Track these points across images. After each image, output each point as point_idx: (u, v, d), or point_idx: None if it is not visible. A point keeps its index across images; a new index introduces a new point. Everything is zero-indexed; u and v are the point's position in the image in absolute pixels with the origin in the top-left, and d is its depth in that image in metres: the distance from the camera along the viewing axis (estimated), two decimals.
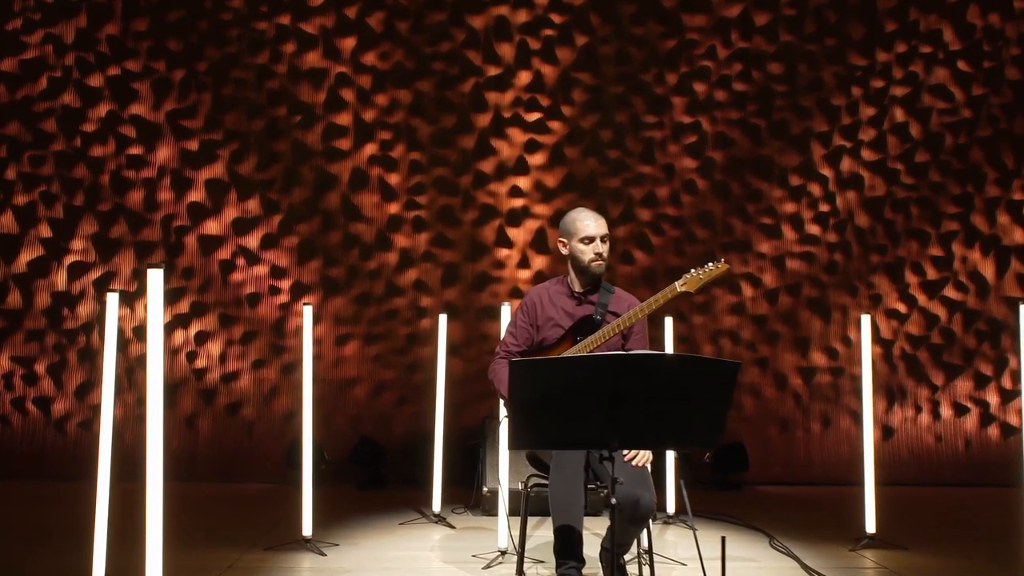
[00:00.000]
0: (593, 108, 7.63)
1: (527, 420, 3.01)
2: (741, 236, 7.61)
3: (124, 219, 7.41)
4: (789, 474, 7.40)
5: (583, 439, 3.09)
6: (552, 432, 3.05)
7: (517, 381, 2.91)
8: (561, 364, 2.92)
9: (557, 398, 2.95)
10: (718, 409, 2.98)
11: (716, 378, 2.91)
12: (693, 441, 3.11)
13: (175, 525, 3.51)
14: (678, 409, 2.98)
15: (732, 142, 7.66)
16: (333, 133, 7.52)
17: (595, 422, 3.01)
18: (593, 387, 2.92)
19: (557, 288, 4.09)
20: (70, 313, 7.36)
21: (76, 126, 7.42)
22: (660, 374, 2.91)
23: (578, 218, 3.91)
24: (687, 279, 3.76)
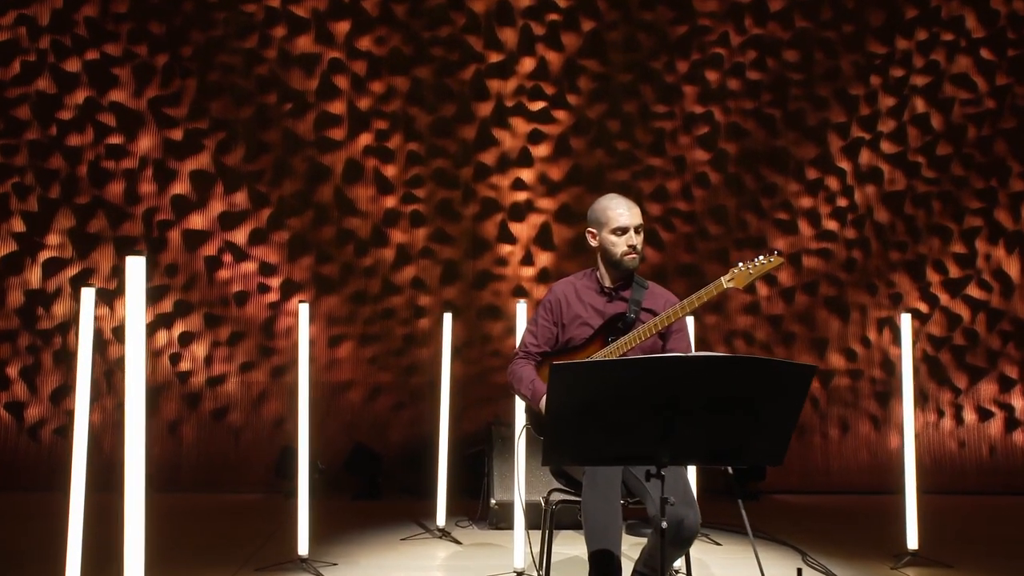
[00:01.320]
0: (600, 97, 7.25)
1: (566, 432, 2.62)
2: (756, 232, 7.25)
3: (103, 213, 6.96)
4: (806, 482, 7.03)
5: (630, 454, 2.69)
6: (594, 446, 2.67)
7: (557, 387, 2.52)
8: (608, 368, 2.54)
9: (602, 407, 2.56)
10: (787, 419, 2.60)
11: (788, 383, 2.53)
12: (757, 456, 2.72)
13: (158, 541, 3.10)
14: (741, 420, 2.60)
15: (746, 133, 7.29)
16: (326, 122, 7.11)
17: (645, 434, 2.62)
18: (645, 394, 2.54)
19: (585, 283, 3.71)
20: (45, 312, 6.90)
21: (52, 113, 6.97)
22: (724, 379, 2.52)
23: (609, 206, 3.52)
24: (735, 274, 3.38)
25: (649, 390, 2.52)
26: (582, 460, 2.75)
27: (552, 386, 2.51)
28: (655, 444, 2.63)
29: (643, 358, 2.48)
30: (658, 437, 2.61)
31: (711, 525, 5.50)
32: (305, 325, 4.48)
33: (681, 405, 2.54)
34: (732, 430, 2.62)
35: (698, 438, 2.65)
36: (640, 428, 2.61)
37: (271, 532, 5.22)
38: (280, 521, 5.44)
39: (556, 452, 2.67)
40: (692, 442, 2.66)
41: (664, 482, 2.88)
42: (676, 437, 2.61)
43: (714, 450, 2.69)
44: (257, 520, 5.79)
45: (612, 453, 2.70)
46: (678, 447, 2.64)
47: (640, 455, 2.69)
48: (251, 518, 5.93)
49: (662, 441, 2.62)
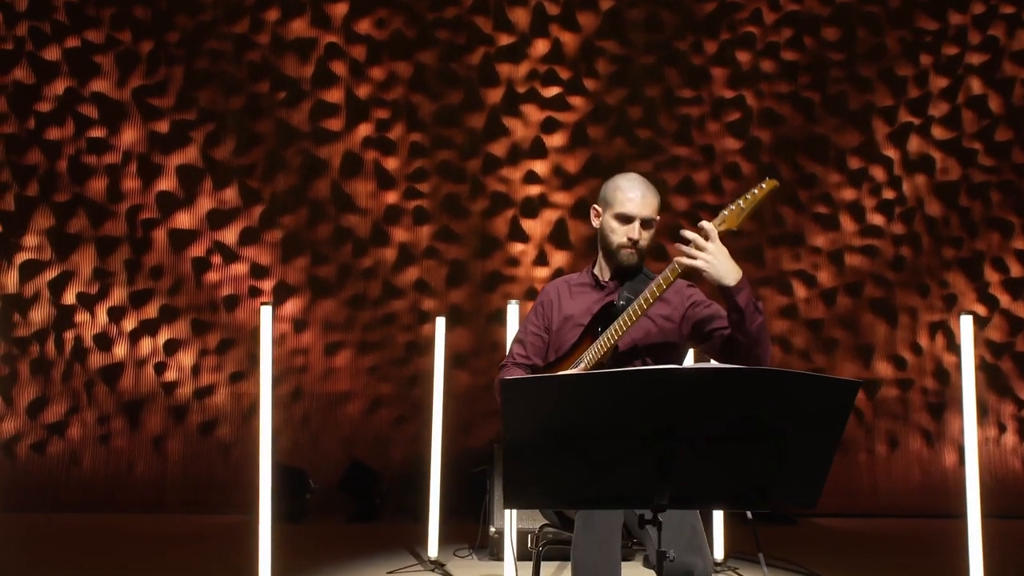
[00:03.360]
0: (620, 82, 6.63)
1: (530, 467, 2.02)
2: (792, 228, 6.58)
3: (84, 211, 6.47)
4: (850, 504, 6.34)
5: (617, 495, 2.08)
6: (569, 485, 2.07)
7: (511, 410, 1.93)
8: (578, 383, 1.92)
9: (573, 435, 1.96)
10: (823, 451, 1.97)
11: (825, 404, 1.91)
12: (783, 498, 2.10)
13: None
14: (763, 452, 1.98)
15: (781, 119, 6.63)
16: (322, 112, 6.56)
17: (635, 471, 2.02)
18: (628, 419, 1.94)
19: (580, 280, 3.11)
20: (22, 319, 6.42)
21: (29, 105, 6.49)
22: (737, 398, 1.91)
23: (620, 186, 2.91)
24: (724, 216, 2.71)
25: (633, 413, 1.92)
26: (555, 502, 2.14)
27: (505, 409, 1.91)
28: (649, 483, 2.02)
29: (619, 372, 1.87)
30: (653, 474, 2.00)
31: (740, 556, 4.85)
32: (268, 330, 3.94)
33: (681, 432, 1.94)
34: (751, 465, 2.01)
35: (707, 476, 2.04)
36: (628, 462, 2.01)
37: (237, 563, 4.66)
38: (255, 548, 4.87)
39: (520, 491, 2.06)
40: (699, 481, 2.05)
41: (664, 525, 2.27)
42: (677, 474, 2.01)
43: (728, 491, 2.07)
44: (234, 546, 5.24)
45: (593, 494, 2.09)
46: (680, 487, 2.04)
47: (631, 497, 2.08)
48: (227, 544, 5.38)
49: (659, 479, 2.01)
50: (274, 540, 4.85)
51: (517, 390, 1.87)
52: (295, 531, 5.72)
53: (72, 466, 6.33)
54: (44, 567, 4.76)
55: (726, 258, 2.63)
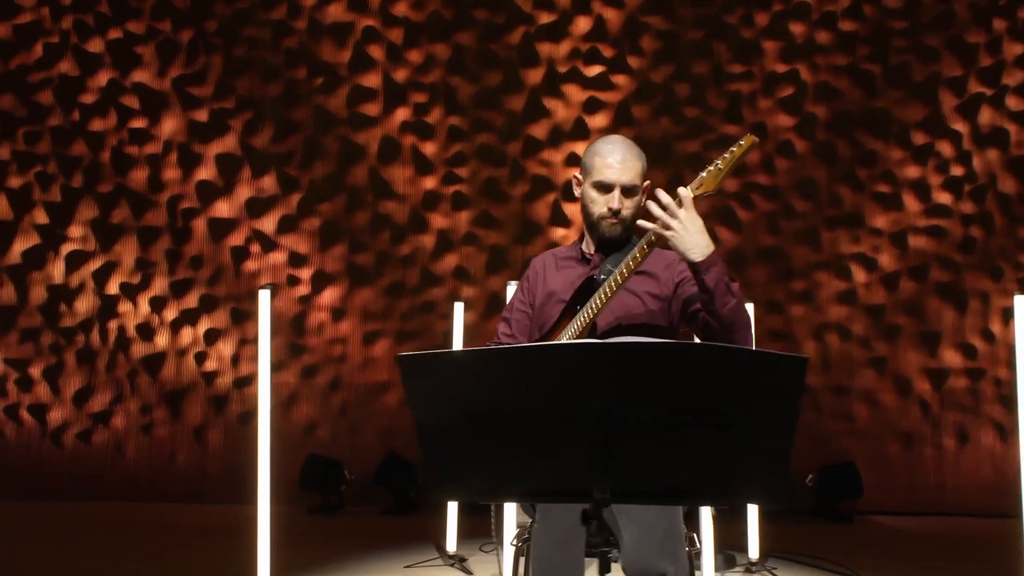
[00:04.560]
0: (666, 58, 6.34)
1: (448, 455, 1.82)
2: (851, 208, 6.19)
3: (126, 202, 6.50)
4: (915, 502, 5.94)
5: (554, 488, 1.87)
6: (497, 476, 1.86)
7: (412, 389, 1.73)
8: (485, 360, 1.71)
9: (490, 418, 1.75)
10: (779, 438, 1.72)
11: (772, 384, 1.66)
12: (746, 494, 1.86)
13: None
14: (716, 440, 1.74)
15: (839, 94, 6.25)
16: (360, 97, 6.45)
17: (570, 461, 1.81)
18: (551, 401, 1.72)
19: (567, 252, 2.89)
20: (68, 309, 6.49)
21: (74, 97, 6.55)
22: (675, 378, 1.68)
23: (599, 151, 2.69)
24: (702, 179, 2.44)
25: (556, 394, 1.70)
26: (484, 494, 1.93)
27: (407, 389, 1.71)
28: (588, 475, 1.80)
29: (530, 346, 1.65)
30: (592, 465, 1.78)
31: (778, 555, 4.56)
32: (266, 317, 3.81)
33: (617, 417, 1.71)
34: (703, 456, 1.77)
35: (653, 467, 1.81)
36: (560, 451, 1.79)
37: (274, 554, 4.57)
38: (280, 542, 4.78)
39: (444, 482, 1.87)
40: (645, 473, 1.82)
41: (633, 525, 2.05)
42: (619, 465, 1.78)
43: (680, 485, 1.83)
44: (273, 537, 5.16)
45: (526, 486, 1.88)
46: (624, 480, 1.81)
47: (569, 490, 1.86)
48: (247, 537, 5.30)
49: (598, 471, 1.79)
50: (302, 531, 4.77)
51: (414, 367, 1.67)
52: (328, 523, 5.64)
53: (116, 455, 6.36)
54: (85, 556, 4.75)
55: (697, 230, 2.37)
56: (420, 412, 1.77)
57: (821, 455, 5.94)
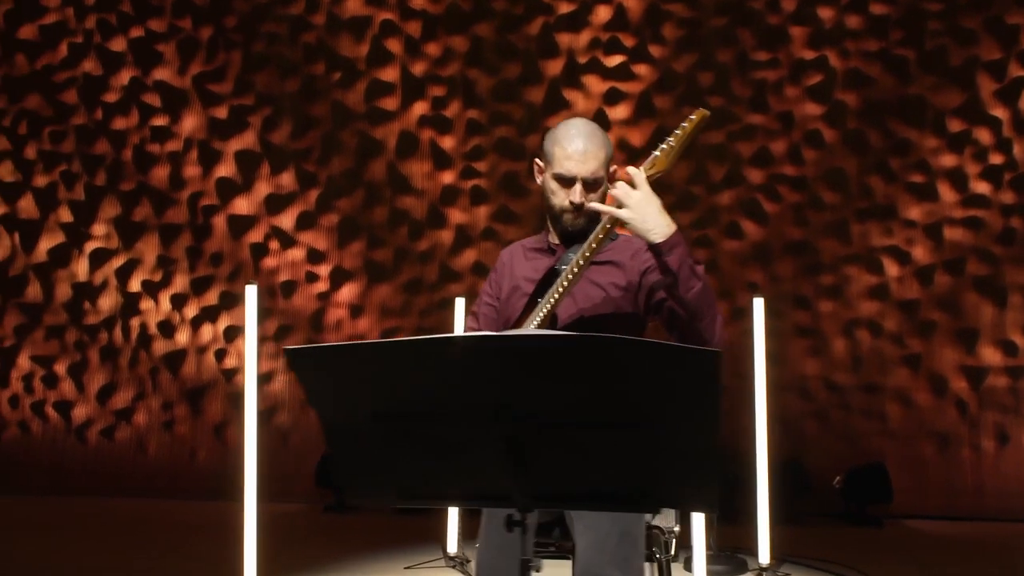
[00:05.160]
0: (689, 46, 6.16)
1: (349, 452, 1.72)
2: (883, 200, 5.94)
3: (148, 199, 6.52)
4: (951, 506, 5.68)
5: (469, 491, 1.75)
6: (410, 477, 1.75)
7: (306, 384, 1.63)
8: (372, 352, 1.60)
9: (388, 414, 1.65)
10: (701, 439, 1.59)
11: (687, 380, 1.52)
12: (673, 499, 1.71)
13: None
14: (632, 440, 1.61)
15: (870, 81, 6.00)
16: (377, 91, 6.38)
17: (481, 463, 1.69)
18: (463, 398, 1.61)
19: (535, 243, 2.77)
20: (91, 307, 6.54)
21: (97, 96, 6.60)
22: (584, 374, 1.55)
23: (559, 139, 2.53)
24: (655, 159, 2.37)
25: (457, 391, 1.59)
26: (400, 497, 1.81)
27: (303, 385, 1.61)
28: (503, 478, 1.68)
29: (415, 340, 1.54)
30: (505, 467, 1.67)
31: (793, 560, 4.38)
32: (253, 313, 3.75)
33: (524, 415, 1.59)
34: (623, 457, 1.64)
35: (573, 470, 1.68)
36: (471, 452, 1.68)
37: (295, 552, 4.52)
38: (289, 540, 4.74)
39: (356, 485, 1.76)
40: (564, 476, 1.69)
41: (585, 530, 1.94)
42: (535, 467, 1.66)
43: (604, 489, 1.70)
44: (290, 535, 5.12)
45: (442, 489, 1.77)
46: (543, 483, 1.69)
47: (486, 494, 1.74)
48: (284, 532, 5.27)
49: (513, 473, 1.67)
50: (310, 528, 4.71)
51: (302, 361, 1.56)
52: (340, 521, 5.58)
53: (138, 452, 6.39)
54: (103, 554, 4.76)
55: (656, 209, 2.25)
56: (321, 409, 1.67)
57: (851, 456, 5.72)
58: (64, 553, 4.73)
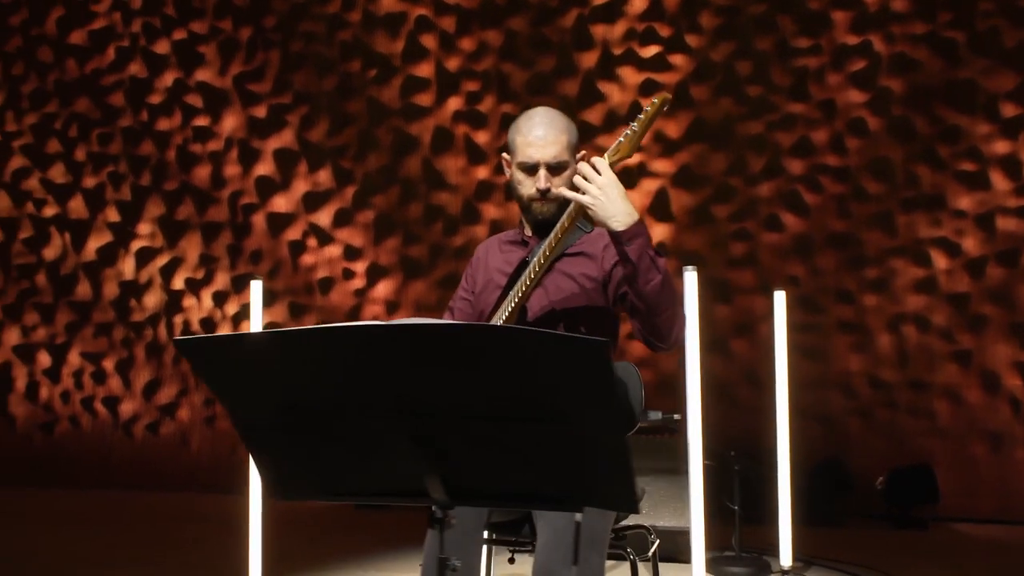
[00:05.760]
0: (727, 35, 6.00)
1: (260, 445, 1.68)
2: (930, 189, 5.70)
3: (190, 199, 6.64)
4: (1003, 508, 5.42)
5: (385, 487, 1.70)
6: (327, 473, 1.71)
7: (203, 376, 1.60)
8: (256, 343, 1.55)
9: (299, 409, 1.61)
10: (604, 433, 1.51)
11: (575, 371, 1.44)
12: (590, 497, 1.64)
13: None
14: (532, 435, 1.54)
15: (917, 65, 5.76)
16: (412, 87, 6.38)
17: (394, 458, 1.64)
18: (360, 390, 1.56)
19: (511, 236, 2.72)
20: (137, 304, 6.68)
21: (143, 98, 6.75)
22: (477, 364, 1.49)
23: (520, 129, 2.50)
24: (619, 144, 2.28)
25: (353, 382, 1.54)
26: (321, 493, 1.77)
27: (201, 377, 1.58)
28: (420, 474, 1.63)
29: (296, 330, 1.49)
30: (419, 463, 1.61)
31: (820, 563, 4.22)
32: (258, 308, 3.76)
33: (425, 407, 1.54)
34: (528, 454, 1.57)
35: (487, 465, 1.62)
36: (380, 446, 1.63)
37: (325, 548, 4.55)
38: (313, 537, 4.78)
39: (274, 479, 1.73)
40: (479, 472, 1.63)
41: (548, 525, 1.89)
42: (445, 463, 1.61)
43: (516, 488, 1.64)
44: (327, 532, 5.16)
45: (360, 485, 1.72)
46: (457, 480, 1.63)
47: (404, 489, 1.69)
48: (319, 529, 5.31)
49: (426, 469, 1.62)
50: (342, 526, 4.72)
51: (189, 352, 1.53)
52: (371, 517, 5.58)
53: (181, 447, 6.51)
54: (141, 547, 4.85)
55: (619, 196, 2.18)
56: (225, 401, 1.64)
57: (896, 455, 5.50)
58: (103, 546, 4.83)
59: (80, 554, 4.63)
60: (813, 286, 5.76)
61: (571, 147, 2.44)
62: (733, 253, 5.87)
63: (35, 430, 6.76)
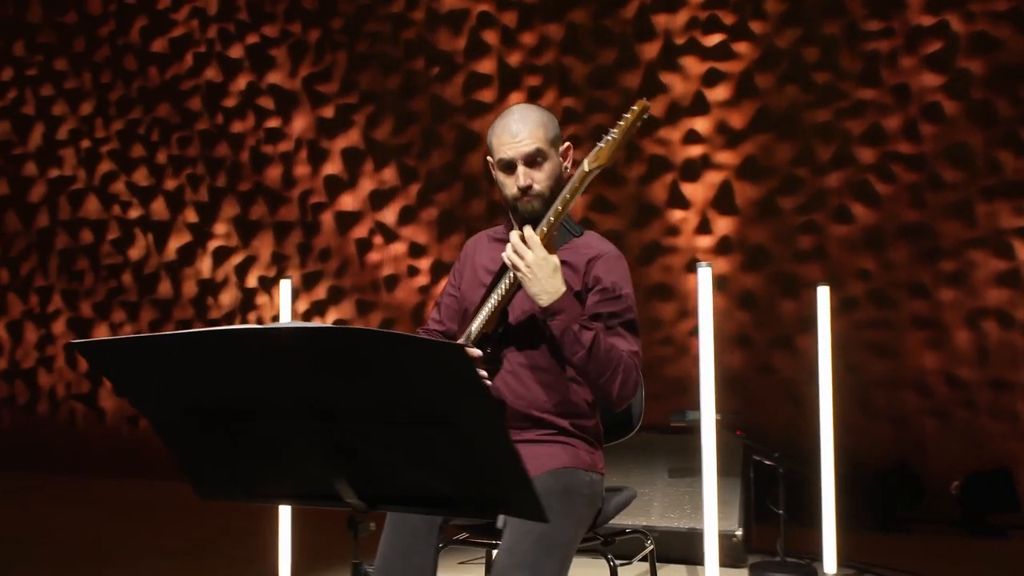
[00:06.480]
0: (793, 20, 5.79)
1: (181, 449, 1.69)
2: (1013, 175, 5.37)
3: (263, 198, 6.81)
4: None
5: (302, 490, 1.69)
6: (245, 475, 1.71)
7: (112, 378, 1.62)
8: (139, 347, 1.55)
9: (204, 412, 1.61)
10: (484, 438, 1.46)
11: (441, 375, 1.40)
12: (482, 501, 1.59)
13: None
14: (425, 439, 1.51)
15: (998, 44, 5.43)
16: (475, 84, 6.38)
17: (305, 461, 1.63)
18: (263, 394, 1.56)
19: (498, 231, 2.69)
20: (214, 302, 6.89)
21: (218, 102, 6.95)
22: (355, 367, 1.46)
23: (494, 129, 2.49)
24: (598, 151, 2.28)
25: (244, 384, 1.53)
26: (245, 494, 1.76)
27: (105, 376, 1.60)
28: (331, 478, 1.62)
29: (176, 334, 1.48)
30: (329, 467, 1.60)
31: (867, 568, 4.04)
32: (287, 306, 3.82)
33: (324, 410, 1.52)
34: (431, 460, 1.54)
35: (392, 472, 1.60)
36: (293, 451, 1.62)
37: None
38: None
39: (196, 478, 1.74)
40: (386, 478, 1.61)
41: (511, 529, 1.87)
42: (355, 467, 1.59)
43: (428, 493, 1.60)
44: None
45: (278, 488, 1.72)
46: (368, 485, 1.62)
47: (320, 493, 1.68)
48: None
49: (338, 474, 1.61)
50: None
51: (88, 355, 1.55)
52: None
53: None
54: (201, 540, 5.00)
55: (545, 274, 2.21)
56: (136, 404, 1.65)
57: (974, 459, 5.21)
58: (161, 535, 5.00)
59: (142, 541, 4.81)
60: (885, 280, 5.51)
61: (550, 140, 2.41)
62: (800, 246, 5.66)
63: (122, 423, 7.05)
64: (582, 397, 2.40)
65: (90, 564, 4.44)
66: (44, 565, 4.43)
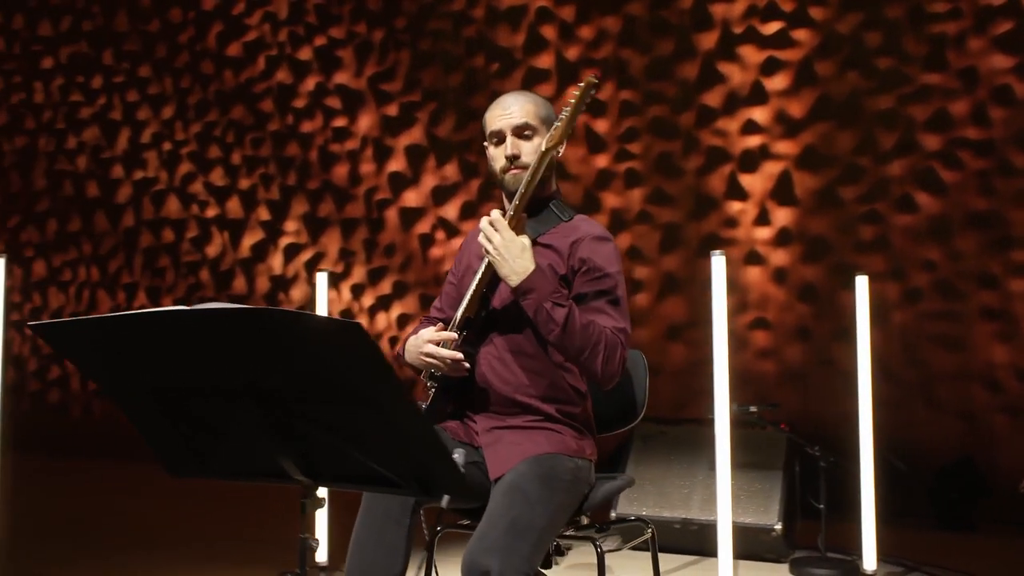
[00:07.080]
0: (854, 5, 5.64)
1: (144, 427, 1.78)
2: None
3: (330, 196, 6.98)
4: None
5: (254, 468, 1.76)
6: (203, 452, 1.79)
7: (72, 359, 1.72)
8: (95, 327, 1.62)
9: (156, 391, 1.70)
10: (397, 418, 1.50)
11: (339, 353, 1.45)
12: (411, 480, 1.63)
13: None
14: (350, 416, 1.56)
15: None
16: (533, 78, 6.41)
17: (251, 439, 1.70)
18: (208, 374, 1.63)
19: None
20: (285, 297, 7.10)
21: (288, 103, 7.16)
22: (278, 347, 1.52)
23: (490, 108, 2.54)
24: (551, 135, 2.35)
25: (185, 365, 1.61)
26: (205, 470, 1.84)
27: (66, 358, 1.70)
28: (277, 455, 1.69)
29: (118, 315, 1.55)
30: (274, 444, 1.67)
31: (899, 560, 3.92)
32: (323, 297, 3.93)
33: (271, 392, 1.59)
34: (359, 437, 1.59)
35: (330, 449, 1.66)
36: (241, 429, 1.69)
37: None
38: None
39: (162, 455, 1.82)
40: (325, 456, 1.67)
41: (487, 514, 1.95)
42: (296, 445, 1.66)
43: (365, 471, 1.65)
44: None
45: (234, 466, 1.80)
46: (310, 462, 1.68)
47: (270, 471, 1.75)
48: None
49: (282, 451, 1.68)
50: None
51: (45, 335, 1.64)
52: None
53: None
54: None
55: (513, 255, 2.26)
56: (98, 382, 1.74)
57: None
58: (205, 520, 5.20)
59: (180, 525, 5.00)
60: (951, 270, 5.32)
61: (540, 117, 2.46)
62: (862, 237, 5.51)
63: None
64: (569, 384, 2.41)
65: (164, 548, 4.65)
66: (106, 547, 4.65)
